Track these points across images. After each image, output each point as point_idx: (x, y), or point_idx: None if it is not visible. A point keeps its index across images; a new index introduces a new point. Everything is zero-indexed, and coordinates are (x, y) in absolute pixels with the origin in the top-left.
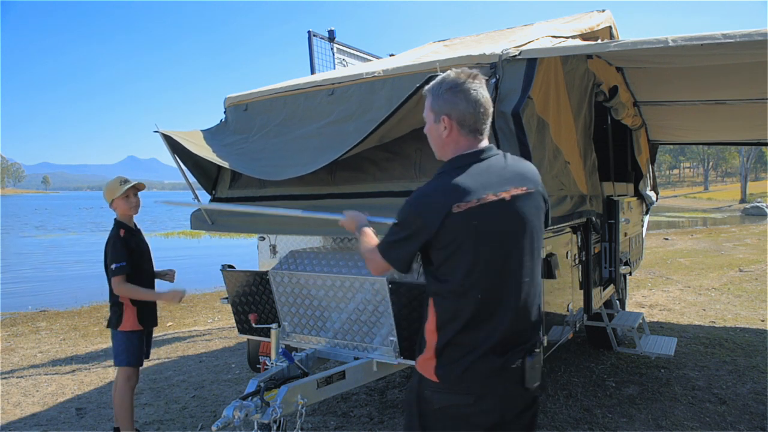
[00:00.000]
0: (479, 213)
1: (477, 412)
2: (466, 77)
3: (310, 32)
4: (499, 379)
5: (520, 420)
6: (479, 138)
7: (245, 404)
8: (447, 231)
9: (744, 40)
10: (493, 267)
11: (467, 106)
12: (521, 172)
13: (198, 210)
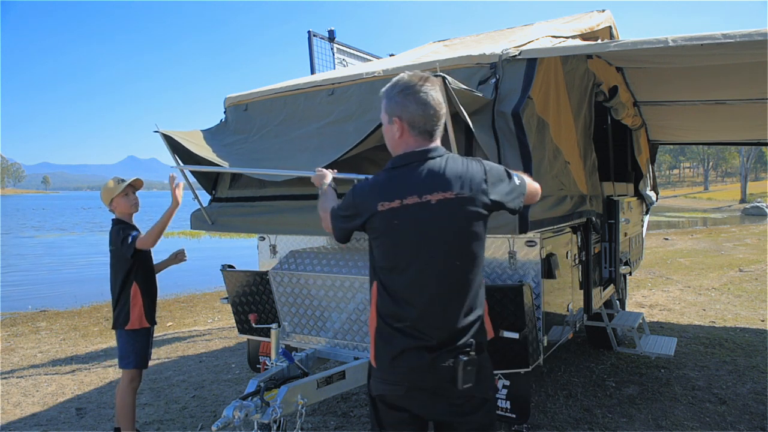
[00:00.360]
0: (401, 213)
1: (410, 405)
2: (418, 80)
3: (310, 32)
4: (428, 375)
5: (467, 423)
6: (429, 139)
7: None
8: (373, 225)
9: (744, 40)
10: (411, 266)
11: (417, 108)
12: (457, 176)
13: (198, 210)
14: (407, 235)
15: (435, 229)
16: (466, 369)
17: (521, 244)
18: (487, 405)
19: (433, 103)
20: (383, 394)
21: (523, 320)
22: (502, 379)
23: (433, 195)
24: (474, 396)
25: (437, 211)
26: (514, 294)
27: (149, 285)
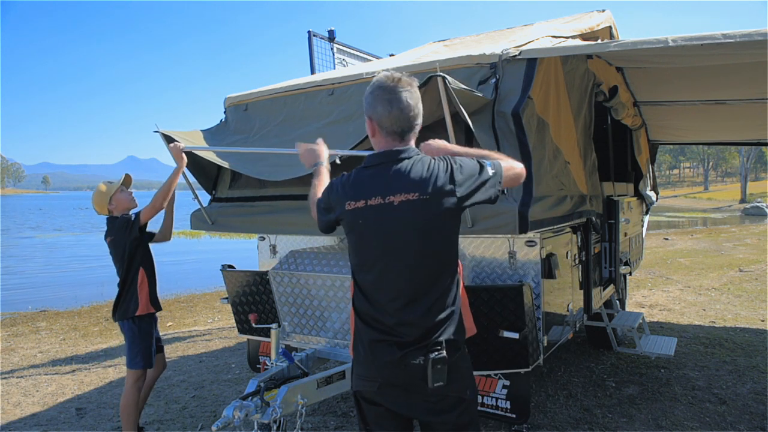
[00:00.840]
0: (365, 213)
1: (385, 401)
2: (390, 81)
3: (310, 32)
4: (399, 371)
5: (442, 422)
6: (400, 140)
7: (245, 404)
8: (343, 222)
9: (744, 40)
10: (376, 265)
11: (384, 109)
12: (421, 177)
13: (198, 210)
14: (371, 235)
15: (398, 230)
16: (436, 367)
17: (521, 244)
18: (464, 404)
19: (402, 105)
20: (360, 390)
21: (523, 320)
22: (502, 379)
23: (396, 196)
24: (448, 395)
25: (400, 212)
26: (514, 294)
27: (152, 270)
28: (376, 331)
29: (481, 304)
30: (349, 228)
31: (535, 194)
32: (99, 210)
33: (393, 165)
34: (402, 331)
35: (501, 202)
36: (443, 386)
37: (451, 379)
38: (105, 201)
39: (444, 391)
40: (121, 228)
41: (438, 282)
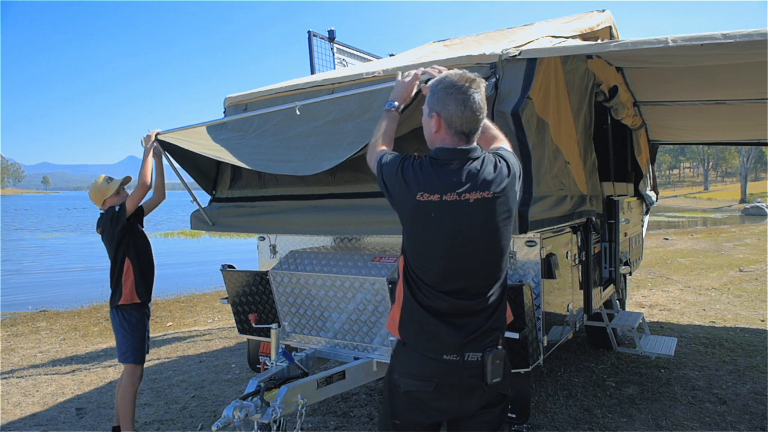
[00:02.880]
0: (439, 207)
1: (438, 402)
2: (464, 81)
3: (310, 32)
4: (456, 369)
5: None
6: (466, 140)
7: (245, 404)
8: (409, 210)
9: (744, 40)
10: (443, 257)
11: (456, 108)
12: (493, 177)
13: (198, 210)
14: (443, 228)
15: (471, 226)
16: (495, 362)
17: (521, 244)
18: (506, 401)
19: (474, 106)
20: (411, 391)
21: (523, 320)
22: None
23: (471, 194)
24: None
25: (475, 208)
26: (514, 294)
27: (142, 263)
28: (430, 332)
29: None
30: (415, 217)
31: (535, 194)
32: (95, 203)
33: (465, 163)
34: (457, 335)
35: None
36: (499, 382)
37: (504, 375)
38: (99, 201)
39: (495, 388)
40: (110, 220)
41: (499, 277)
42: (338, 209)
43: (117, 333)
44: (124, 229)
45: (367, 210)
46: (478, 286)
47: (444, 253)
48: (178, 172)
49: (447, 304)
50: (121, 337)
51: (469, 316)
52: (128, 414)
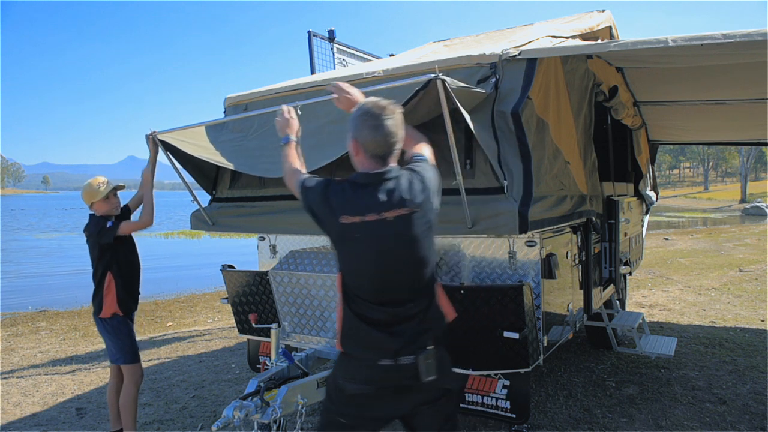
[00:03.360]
0: (361, 228)
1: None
2: (377, 109)
3: (310, 32)
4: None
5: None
6: (381, 162)
7: (245, 404)
8: (335, 232)
9: (744, 40)
10: (371, 273)
11: (369, 134)
12: (409, 194)
13: (198, 210)
14: (367, 247)
15: (393, 241)
16: (427, 362)
17: (521, 244)
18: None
19: (384, 132)
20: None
21: (523, 320)
22: (502, 379)
23: (389, 212)
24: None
25: (394, 225)
26: (514, 294)
27: (125, 275)
28: (366, 339)
29: (482, 304)
30: (342, 239)
31: (535, 194)
32: (84, 202)
33: (382, 184)
34: (392, 342)
35: (501, 202)
36: (435, 380)
37: (441, 372)
38: (88, 201)
39: (434, 385)
40: (96, 230)
41: (426, 286)
42: None
43: (104, 337)
44: (109, 245)
45: None
46: (409, 293)
47: (373, 269)
48: (179, 171)
49: (383, 314)
50: (108, 341)
51: (404, 322)
52: (131, 414)
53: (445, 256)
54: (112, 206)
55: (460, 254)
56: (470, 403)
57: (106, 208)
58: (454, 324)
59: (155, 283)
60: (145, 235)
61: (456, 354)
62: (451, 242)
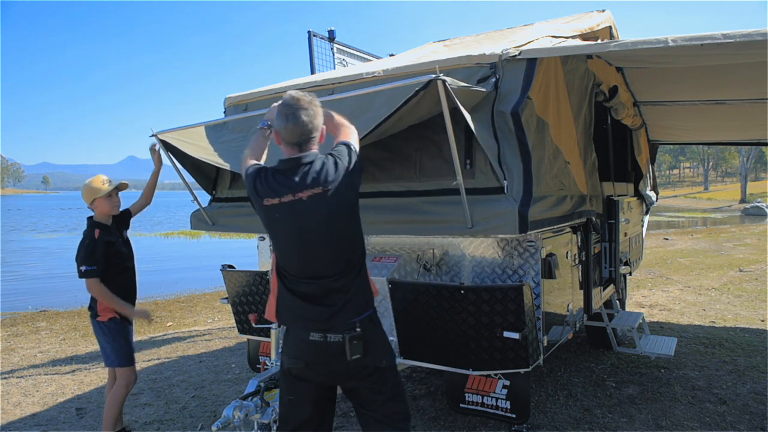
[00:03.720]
0: (280, 208)
1: (312, 376)
2: (292, 101)
3: (310, 32)
4: (322, 349)
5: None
6: (298, 149)
7: (245, 404)
8: (261, 215)
9: (744, 40)
10: (294, 251)
11: (283, 123)
12: (324, 175)
13: (198, 210)
14: (287, 227)
15: (309, 220)
16: (353, 343)
17: (521, 244)
18: (379, 372)
19: (297, 122)
20: (291, 368)
21: (523, 320)
22: (502, 379)
23: (303, 192)
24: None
25: (308, 205)
26: (514, 294)
27: (120, 280)
28: (297, 311)
29: (482, 304)
30: (267, 221)
31: (535, 194)
32: (85, 200)
33: (299, 168)
34: (321, 312)
35: (501, 202)
36: (360, 358)
37: (367, 351)
38: (89, 199)
39: (362, 362)
40: (83, 243)
41: (349, 262)
42: None
43: (99, 339)
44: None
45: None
46: (333, 267)
47: (295, 246)
48: (180, 172)
49: (310, 287)
50: (104, 343)
51: (332, 294)
52: (113, 415)
53: (445, 256)
54: (113, 205)
55: (460, 254)
56: (470, 403)
57: (107, 208)
58: (454, 324)
59: (155, 283)
60: (145, 235)
61: (456, 354)
62: (451, 242)
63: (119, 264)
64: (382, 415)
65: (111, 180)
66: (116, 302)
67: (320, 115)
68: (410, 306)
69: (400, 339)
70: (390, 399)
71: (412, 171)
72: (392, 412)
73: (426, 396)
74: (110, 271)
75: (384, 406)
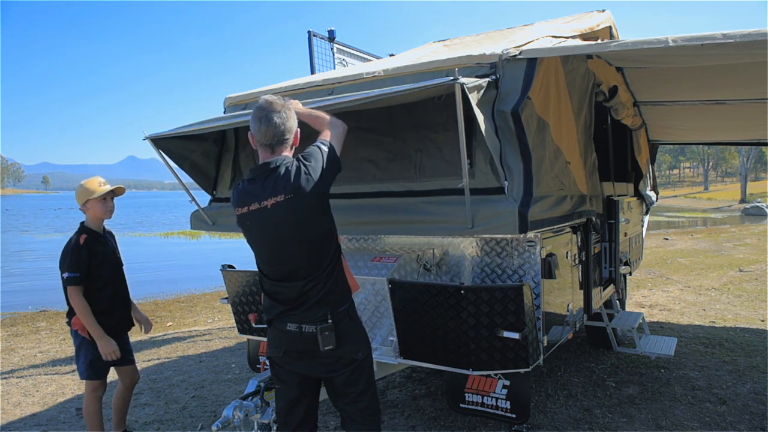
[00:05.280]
0: (249, 217)
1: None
2: (265, 104)
3: (310, 32)
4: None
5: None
6: (271, 152)
7: (245, 404)
8: (238, 223)
9: (744, 40)
10: (266, 255)
11: (256, 125)
12: (286, 182)
13: (198, 210)
14: (257, 233)
15: (275, 227)
16: (324, 334)
17: (521, 244)
18: (355, 363)
19: (270, 123)
20: (271, 356)
21: (523, 320)
22: (502, 379)
23: (268, 200)
24: (341, 357)
25: (273, 212)
26: (514, 294)
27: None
28: (277, 308)
29: (481, 304)
30: (242, 228)
31: (535, 194)
32: (78, 201)
33: (267, 175)
34: (297, 306)
35: (501, 202)
36: (333, 349)
37: (341, 343)
38: (82, 199)
39: (336, 354)
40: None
41: (320, 262)
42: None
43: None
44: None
45: (367, 210)
46: (305, 268)
47: (266, 251)
48: (176, 173)
49: (287, 286)
50: (76, 353)
51: (308, 291)
52: (94, 425)
53: (445, 256)
54: (107, 210)
55: (460, 254)
56: (470, 403)
57: (100, 211)
58: (454, 324)
59: (155, 283)
60: (145, 235)
61: (456, 354)
62: (451, 242)
63: (106, 274)
64: (354, 410)
65: (107, 183)
66: (90, 321)
67: (293, 119)
68: (410, 306)
69: (400, 339)
70: (363, 392)
71: (412, 171)
72: (363, 407)
73: (426, 396)
74: (97, 282)
75: (356, 400)
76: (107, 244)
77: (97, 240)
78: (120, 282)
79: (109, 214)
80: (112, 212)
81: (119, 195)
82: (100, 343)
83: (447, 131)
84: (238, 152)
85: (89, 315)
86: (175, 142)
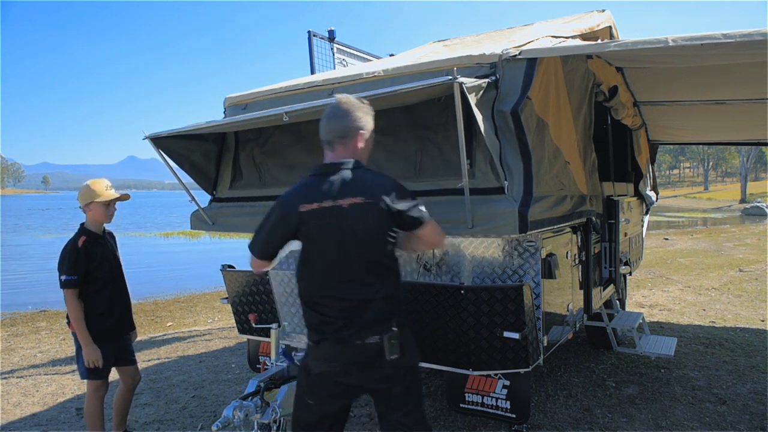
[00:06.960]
0: (319, 214)
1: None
2: (336, 102)
3: (310, 32)
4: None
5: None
6: (331, 150)
7: (245, 404)
8: (300, 224)
9: (744, 40)
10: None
11: (322, 121)
12: (366, 185)
13: (198, 210)
14: (325, 233)
15: (348, 228)
16: (391, 342)
17: (521, 244)
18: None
19: (330, 118)
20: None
21: (523, 320)
22: (502, 379)
23: (345, 200)
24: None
25: (348, 213)
26: (514, 294)
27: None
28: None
29: (481, 304)
30: (305, 228)
31: (535, 194)
32: (80, 201)
33: (337, 173)
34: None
35: (501, 202)
36: (398, 358)
37: (404, 350)
38: (86, 199)
39: (399, 362)
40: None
41: (384, 270)
42: None
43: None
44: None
45: None
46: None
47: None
48: (176, 173)
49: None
50: (76, 353)
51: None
52: (95, 426)
53: (445, 256)
54: (108, 214)
55: (460, 254)
56: (470, 403)
57: (101, 215)
58: (454, 324)
59: (155, 283)
60: (145, 235)
61: (456, 354)
62: (451, 242)
63: (105, 276)
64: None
65: (113, 188)
66: (80, 326)
67: (359, 120)
68: (410, 306)
69: None
70: (418, 402)
71: (412, 171)
72: (419, 418)
73: (426, 396)
74: (96, 283)
75: (413, 411)
76: (106, 246)
77: (96, 242)
78: (119, 283)
79: (110, 218)
80: (112, 217)
81: (125, 200)
82: (85, 350)
83: (447, 131)
84: (238, 152)
85: (80, 320)
86: (175, 142)
